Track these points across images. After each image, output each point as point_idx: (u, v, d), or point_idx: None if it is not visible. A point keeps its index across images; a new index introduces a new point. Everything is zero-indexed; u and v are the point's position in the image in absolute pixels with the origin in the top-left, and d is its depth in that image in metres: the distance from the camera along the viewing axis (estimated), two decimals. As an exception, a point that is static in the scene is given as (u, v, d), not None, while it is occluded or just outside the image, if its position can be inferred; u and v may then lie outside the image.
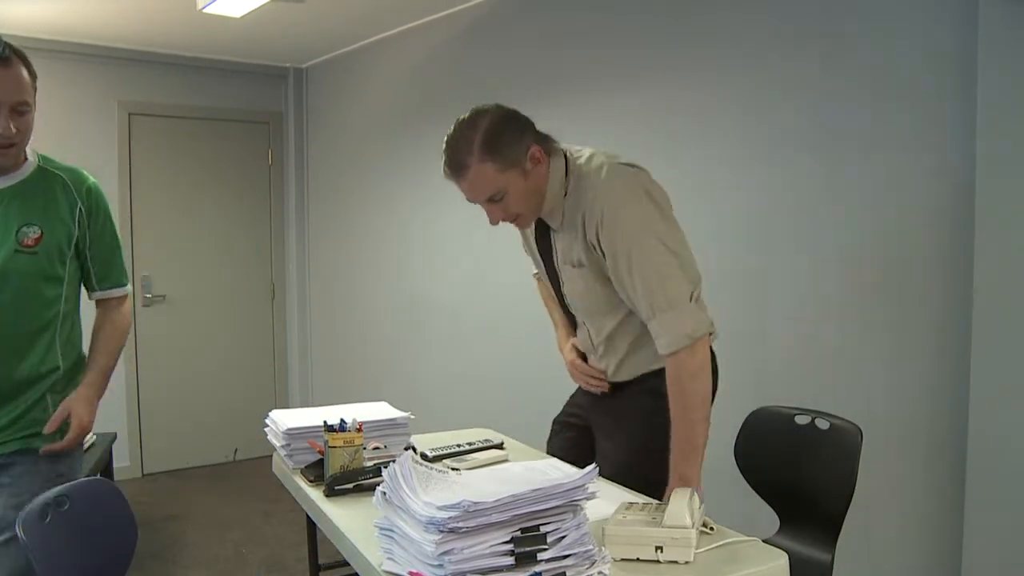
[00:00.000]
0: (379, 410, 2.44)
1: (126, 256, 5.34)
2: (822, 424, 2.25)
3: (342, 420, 2.10)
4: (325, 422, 2.11)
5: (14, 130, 2.00)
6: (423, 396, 4.63)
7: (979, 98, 2.53)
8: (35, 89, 2.06)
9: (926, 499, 2.82)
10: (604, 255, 2.03)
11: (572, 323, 2.39)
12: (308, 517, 2.25)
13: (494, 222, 2.13)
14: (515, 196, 2.06)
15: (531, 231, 2.32)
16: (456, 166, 2.06)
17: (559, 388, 2.64)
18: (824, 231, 3.05)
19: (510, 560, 1.32)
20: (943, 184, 2.71)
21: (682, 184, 3.46)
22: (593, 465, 1.45)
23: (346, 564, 1.87)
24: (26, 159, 2.19)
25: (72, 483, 1.91)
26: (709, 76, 3.41)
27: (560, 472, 1.57)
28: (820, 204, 3.05)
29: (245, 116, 5.92)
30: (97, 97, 5.33)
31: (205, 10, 4.42)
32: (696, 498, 1.70)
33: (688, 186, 3.47)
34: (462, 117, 2.10)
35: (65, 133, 5.22)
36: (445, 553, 1.31)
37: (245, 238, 5.84)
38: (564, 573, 1.35)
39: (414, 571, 1.40)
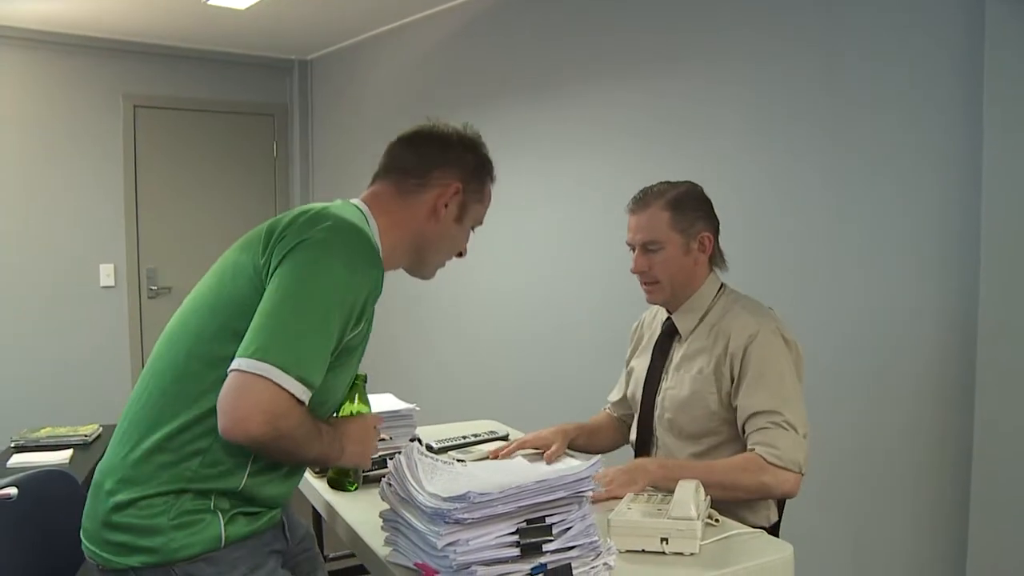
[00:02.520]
0: (384, 402, 2.44)
1: (131, 247, 5.39)
2: None
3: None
4: (331, 413, 2.11)
5: None
6: (427, 388, 4.64)
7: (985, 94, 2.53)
8: None
9: (930, 497, 2.82)
10: (740, 370, 2.03)
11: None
12: (314, 509, 2.25)
13: (635, 269, 2.17)
14: (667, 260, 2.13)
15: (651, 336, 2.32)
16: (642, 202, 2.17)
17: (563, 380, 2.65)
18: (823, 226, 3.04)
19: (515, 551, 1.32)
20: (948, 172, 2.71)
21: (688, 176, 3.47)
22: (598, 458, 1.45)
23: (352, 555, 1.87)
24: None
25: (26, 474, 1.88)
26: (712, 69, 3.40)
27: (565, 464, 1.57)
28: (821, 196, 3.05)
29: (250, 108, 5.91)
30: (102, 90, 5.33)
31: (210, 2, 4.42)
32: (702, 490, 1.70)
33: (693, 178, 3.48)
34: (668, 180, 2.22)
35: (71, 126, 5.23)
36: (450, 544, 1.31)
37: (250, 230, 5.78)
38: (569, 564, 1.35)
39: (419, 562, 1.40)
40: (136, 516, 1.44)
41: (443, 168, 1.73)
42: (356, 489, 1.86)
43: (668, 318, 2.23)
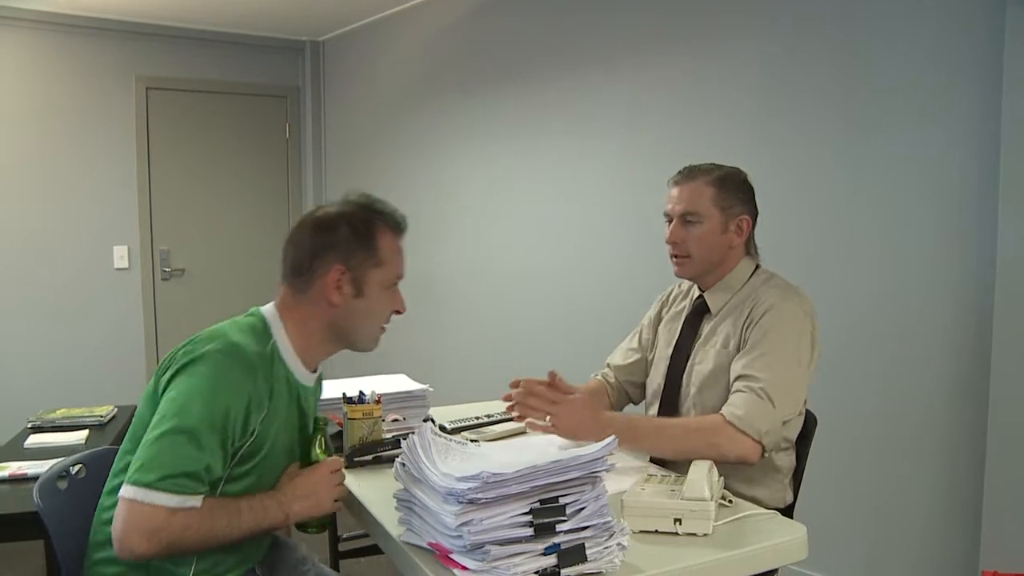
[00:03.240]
0: (398, 382, 2.45)
1: (144, 229, 5.41)
2: None
3: (361, 392, 2.11)
4: (344, 394, 2.12)
5: None
6: (440, 369, 4.64)
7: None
8: None
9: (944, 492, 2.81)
10: (747, 339, 2.03)
11: None
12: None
13: (670, 239, 2.16)
14: (703, 235, 2.12)
15: (678, 311, 2.31)
16: (688, 175, 2.17)
17: (576, 360, 2.64)
18: (837, 210, 3.02)
19: (529, 531, 1.32)
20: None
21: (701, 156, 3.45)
22: (612, 437, 1.45)
23: (365, 535, 1.88)
24: None
25: (89, 451, 1.92)
26: (725, 50, 3.37)
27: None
28: (835, 180, 3.03)
29: (263, 90, 5.91)
30: (115, 72, 5.34)
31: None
32: (715, 471, 1.69)
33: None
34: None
35: (84, 108, 5.24)
36: (464, 524, 1.31)
37: (263, 212, 5.83)
38: (583, 544, 1.35)
39: (433, 542, 1.40)
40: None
41: (320, 256, 1.73)
42: (317, 532, 1.84)
43: (700, 295, 2.23)
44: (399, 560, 1.55)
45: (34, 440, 3.22)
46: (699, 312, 2.22)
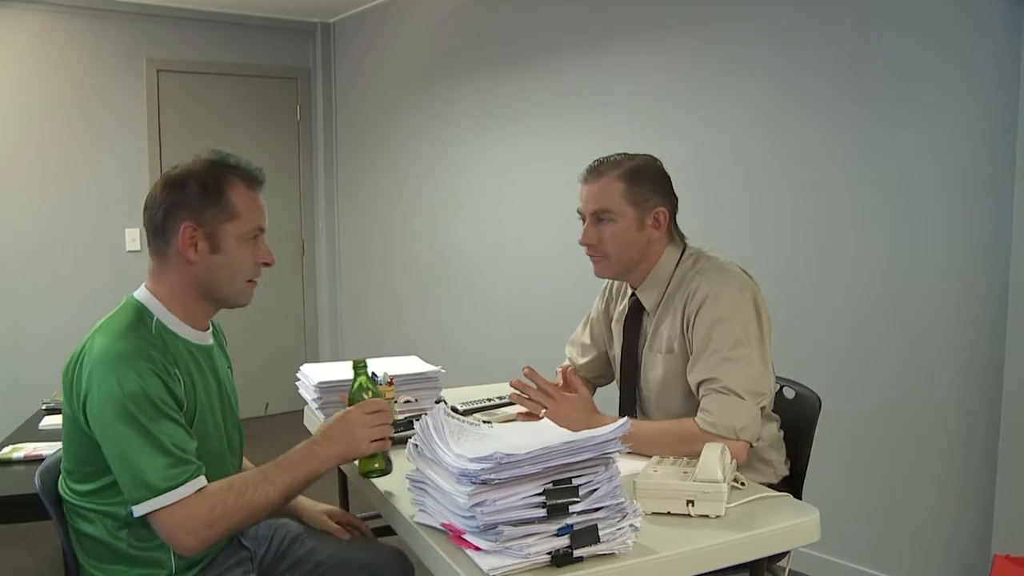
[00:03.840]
0: (410, 364, 2.45)
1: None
2: (788, 393, 2.26)
3: (373, 374, 2.10)
4: (356, 376, 2.12)
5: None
6: (452, 351, 4.65)
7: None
8: None
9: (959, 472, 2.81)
10: (692, 341, 1.99)
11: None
12: (339, 470, 2.26)
13: (583, 240, 2.10)
14: (618, 233, 2.05)
15: (620, 311, 2.27)
16: (595, 172, 2.09)
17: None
18: (851, 194, 3.01)
19: (542, 512, 1.32)
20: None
21: (713, 132, 3.44)
22: (625, 419, 1.44)
23: (378, 516, 1.89)
24: None
25: None
26: (737, 32, 3.35)
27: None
28: (849, 165, 3.01)
29: (274, 72, 5.90)
30: (126, 54, 5.34)
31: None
32: (727, 453, 1.69)
33: (719, 131, 3.44)
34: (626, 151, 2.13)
35: (95, 91, 5.24)
36: (477, 505, 1.31)
37: (274, 194, 5.69)
38: (596, 525, 1.35)
39: (446, 522, 1.41)
40: None
41: (171, 215, 1.71)
42: (387, 472, 1.79)
43: (633, 294, 2.18)
44: (412, 541, 1.56)
45: (48, 421, 3.24)
46: (636, 311, 2.18)
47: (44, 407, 3.48)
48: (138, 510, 1.54)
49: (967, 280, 2.74)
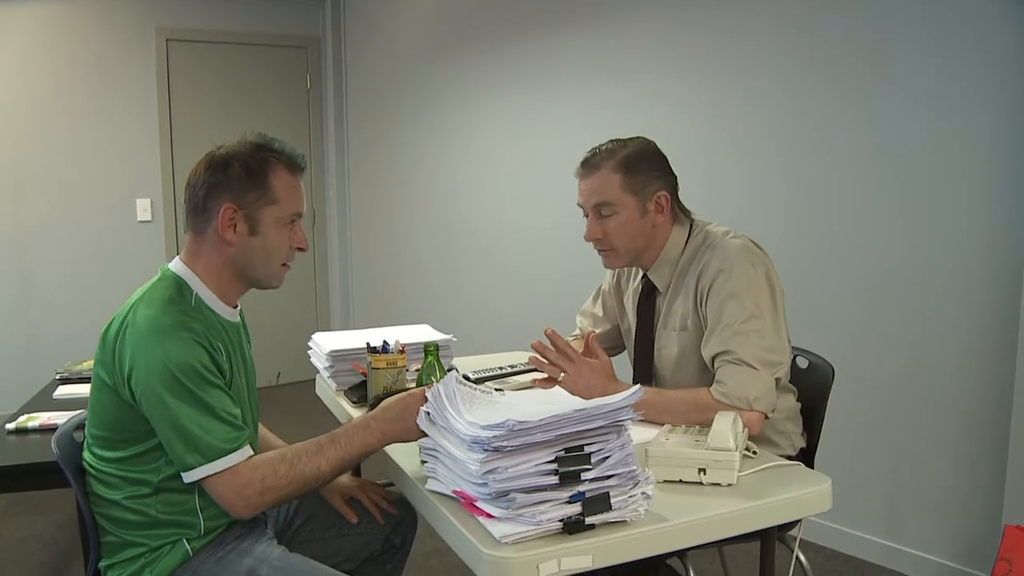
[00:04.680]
0: (421, 332, 2.45)
1: (167, 182, 5.42)
2: (802, 363, 2.25)
3: (385, 342, 2.11)
4: (368, 344, 2.12)
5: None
6: (463, 320, 4.65)
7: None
8: None
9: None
10: (706, 317, 1.98)
11: None
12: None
13: (588, 236, 2.09)
14: (622, 224, 2.03)
15: (633, 289, 2.25)
16: (590, 164, 2.06)
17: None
18: (866, 162, 2.98)
19: (554, 479, 1.32)
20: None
21: (728, 103, 3.41)
22: (638, 386, 1.44)
23: (390, 484, 1.89)
24: None
25: None
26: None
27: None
28: (864, 133, 2.98)
29: (283, 40, 5.87)
30: (135, 24, 5.32)
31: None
32: (739, 422, 1.69)
33: (734, 102, 3.42)
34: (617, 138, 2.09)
35: (104, 61, 5.23)
36: (489, 472, 1.31)
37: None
38: (607, 493, 1.35)
39: (458, 490, 1.41)
40: None
41: (213, 195, 1.72)
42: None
43: (645, 274, 2.17)
44: (424, 508, 1.56)
45: (62, 391, 3.26)
46: (649, 291, 2.16)
47: (58, 377, 3.50)
48: (190, 476, 1.57)
49: (982, 250, 2.72)
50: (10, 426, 2.85)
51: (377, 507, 2.02)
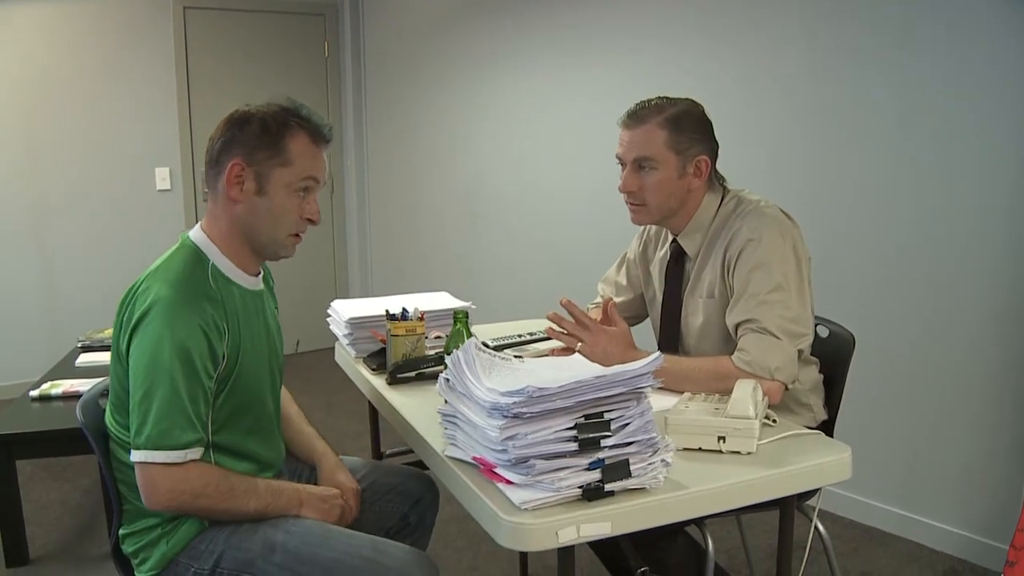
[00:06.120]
0: (440, 300, 2.45)
1: (185, 150, 5.42)
2: (822, 331, 2.23)
3: (404, 309, 2.11)
4: (387, 311, 2.13)
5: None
6: (482, 287, 4.66)
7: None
8: None
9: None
10: (732, 286, 1.97)
11: None
12: (370, 406, 2.28)
13: (623, 188, 2.06)
14: (659, 181, 2.01)
15: (660, 257, 2.24)
16: (636, 116, 2.02)
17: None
18: (888, 137, 2.95)
19: (573, 446, 1.32)
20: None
21: (749, 68, 3.37)
22: (658, 353, 1.44)
23: (409, 451, 1.90)
24: None
25: None
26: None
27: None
28: (887, 107, 2.95)
29: (301, 8, 5.84)
30: (153, -9, 5.30)
31: None
32: (759, 390, 1.68)
33: (755, 67, 3.38)
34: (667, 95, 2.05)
35: (122, 29, 5.22)
36: (509, 438, 1.31)
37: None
38: (627, 460, 1.35)
39: (478, 456, 1.41)
40: None
41: (227, 149, 1.70)
42: None
43: (674, 240, 2.15)
44: (443, 475, 1.57)
45: (84, 359, 3.30)
46: (678, 256, 2.15)
47: (80, 345, 3.53)
48: (134, 454, 1.57)
49: (1002, 218, 2.69)
50: (34, 393, 2.89)
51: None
